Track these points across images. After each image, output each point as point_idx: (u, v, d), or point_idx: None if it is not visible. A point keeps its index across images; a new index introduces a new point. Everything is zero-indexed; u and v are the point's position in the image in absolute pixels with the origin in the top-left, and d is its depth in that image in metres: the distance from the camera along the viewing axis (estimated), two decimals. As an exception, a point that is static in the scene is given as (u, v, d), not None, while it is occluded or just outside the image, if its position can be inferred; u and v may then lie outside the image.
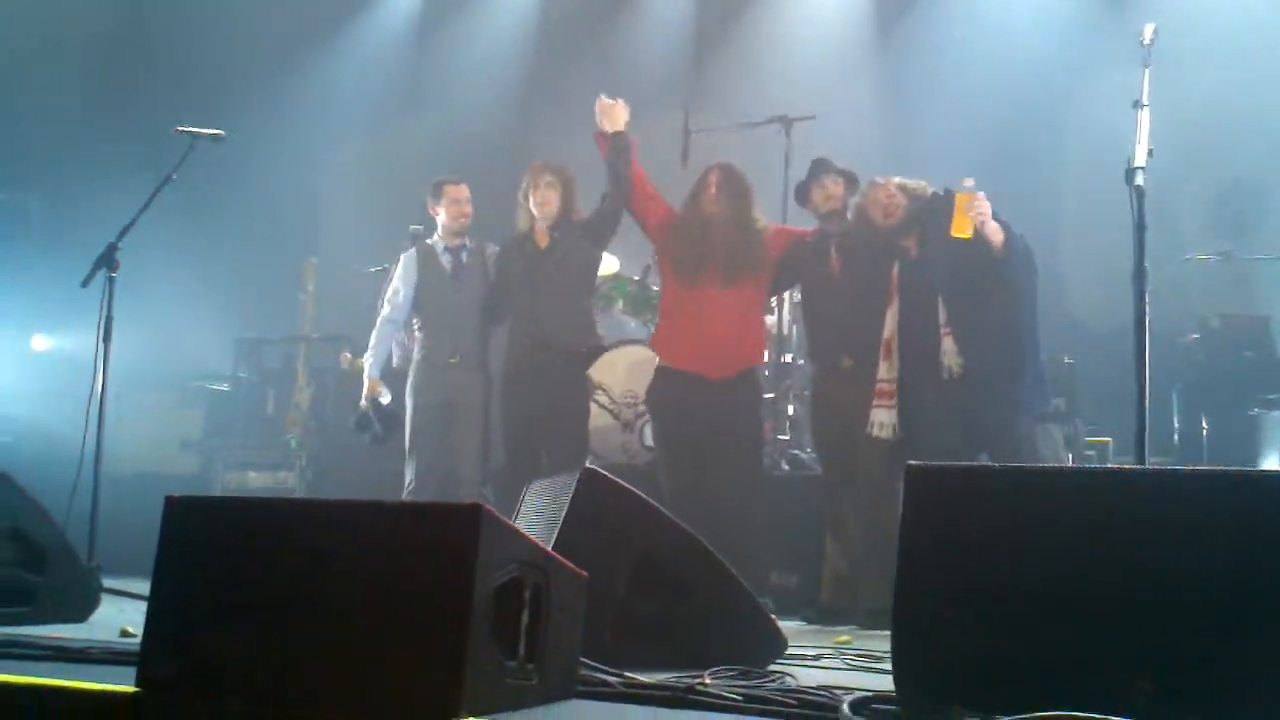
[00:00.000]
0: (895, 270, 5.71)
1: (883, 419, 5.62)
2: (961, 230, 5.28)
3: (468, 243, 6.66)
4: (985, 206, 5.28)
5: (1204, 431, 7.42)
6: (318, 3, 10.14)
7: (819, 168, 6.02)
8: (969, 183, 5.32)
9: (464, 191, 6.61)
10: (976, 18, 9.17)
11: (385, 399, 6.55)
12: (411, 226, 7.60)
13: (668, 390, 6.02)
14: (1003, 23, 9.06)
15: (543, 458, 6.20)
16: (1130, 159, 3.85)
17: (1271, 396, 7.30)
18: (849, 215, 5.96)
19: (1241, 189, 8.36)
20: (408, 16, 10.65)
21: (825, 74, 9.29)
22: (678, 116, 7.63)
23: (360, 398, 6.68)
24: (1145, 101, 3.98)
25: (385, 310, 6.72)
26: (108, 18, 9.71)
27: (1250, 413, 7.42)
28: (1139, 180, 3.82)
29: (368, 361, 6.69)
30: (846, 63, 9.51)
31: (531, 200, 6.33)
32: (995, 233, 5.32)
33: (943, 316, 5.54)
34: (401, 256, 6.79)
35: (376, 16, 10.61)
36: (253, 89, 9.51)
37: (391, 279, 6.92)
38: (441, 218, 6.63)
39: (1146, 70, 4.07)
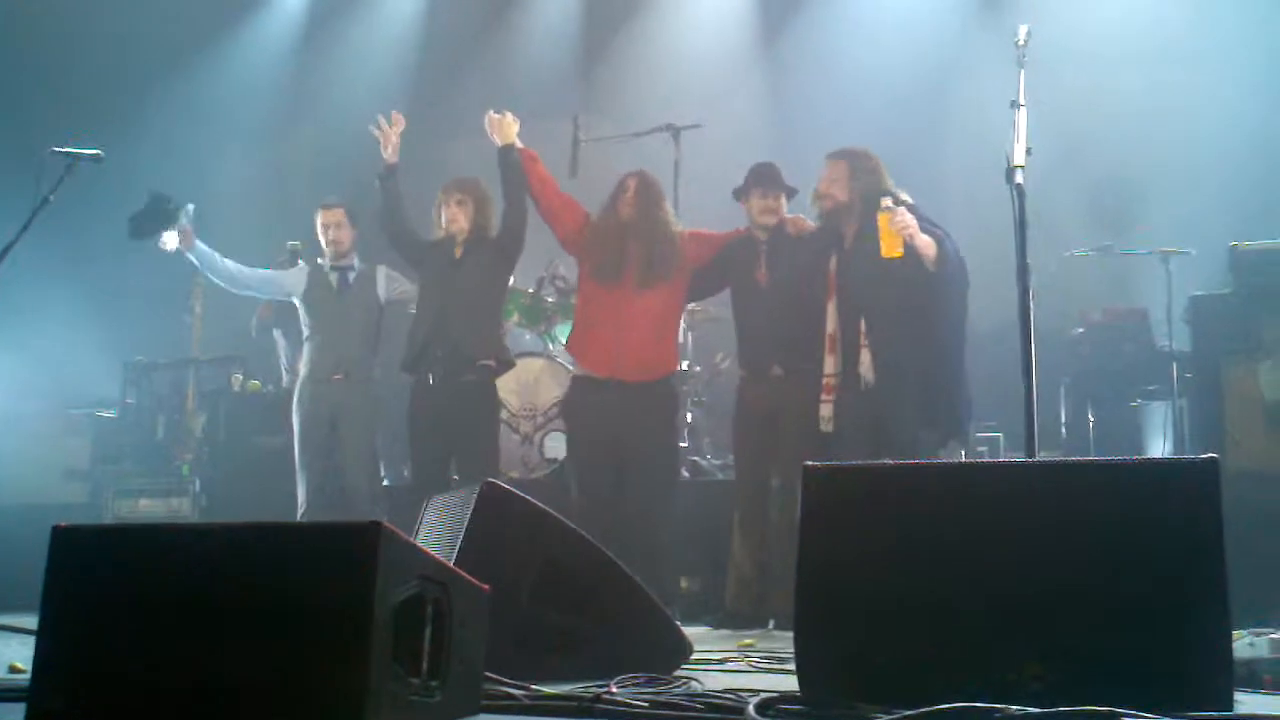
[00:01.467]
0: (832, 264, 5.74)
1: (826, 413, 5.68)
2: (891, 250, 5.24)
3: (355, 264, 6.64)
4: (909, 220, 5.26)
5: (1090, 423, 7.61)
6: (197, 14, 9.94)
7: (764, 178, 6.00)
8: (886, 202, 5.31)
9: (336, 215, 6.65)
10: (858, 22, 9.31)
11: (169, 240, 6.45)
12: (289, 243, 7.52)
13: (585, 397, 6.02)
14: (883, 26, 9.22)
15: (452, 469, 6.18)
16: (1009, 157, 3.92)
17: (1152, 387, 7.51)
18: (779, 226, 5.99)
19: (1118, 185, 8.60)
20: (290, 29, 10.48)
21: (711, 81, 9.37)
22: (567, 127, 7.63)
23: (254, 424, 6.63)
24: (1022, 101, 4.06)
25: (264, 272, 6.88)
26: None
27: (1133, 404, 7.63)
28: (1019, 179, 3.89)
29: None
30: (732, 69, 9.60)
31: (443, 217, 6.28)
32: (927, 246, 5.30)
33: (862, 324, 5.58)
34: (298, 263, 6.78)
35: (257, 30, 10.43)
36: (133, 104, 9.31)
37: (269, 301, 6.99)
38: (320, 241, 6.63)
39: (1022, 71, 4.16)
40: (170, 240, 6.48)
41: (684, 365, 7.36)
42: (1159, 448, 7.37)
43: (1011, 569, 2.57)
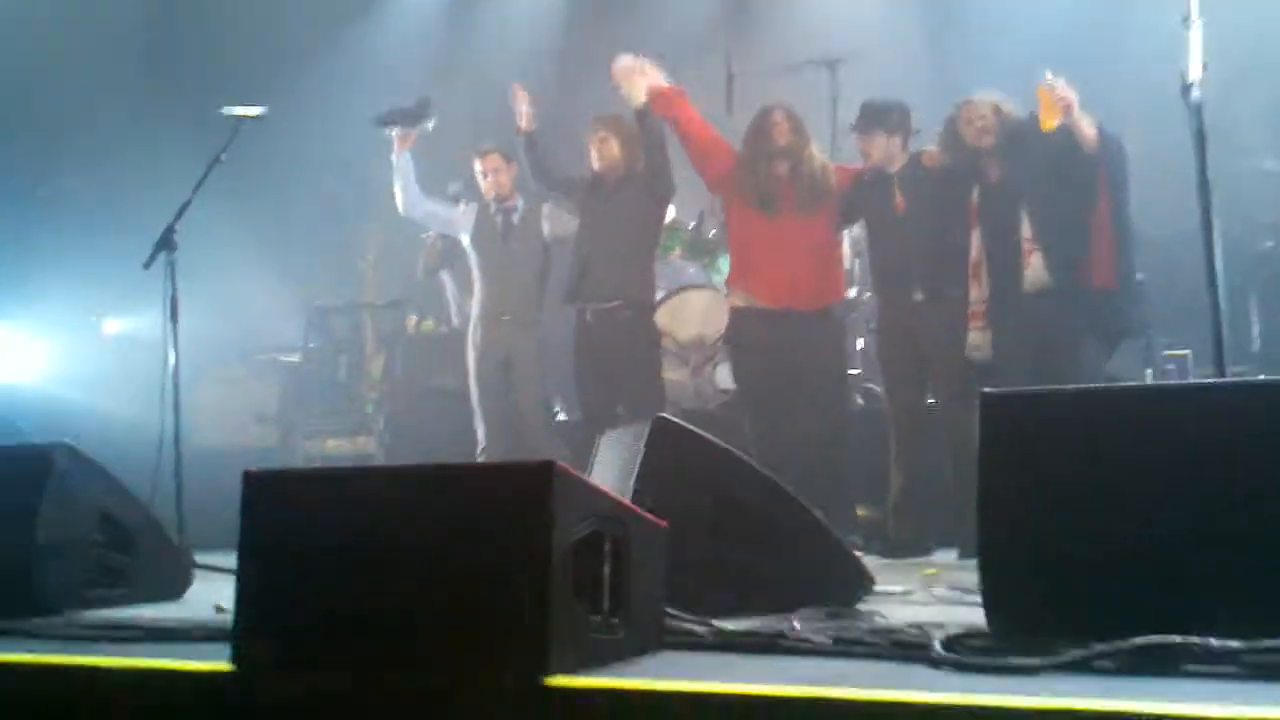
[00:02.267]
0: (975, 197, 5.63)
1: (977, 340, 5.60)
2: (1049, 120, 5.18)
3: (519, 204, 6.68)
4: (1069, 93, 5.16)
5: (1285, 337, 7.26)
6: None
7: (858, 120, 5.92)
8: (1048, 76, 5.19)
9: (494, 160, 6.70)
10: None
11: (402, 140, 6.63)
12: (450, 186, 7.61)
13: (751, 329, 5.99)
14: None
15: (618, 408, 6.23)
16: (1184, 74, 3.77)
17: (1351, 296, 7.13)
18: (934, 141, 5.86)
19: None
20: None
21: (868, 11, 9.11)
22: (720, 64, 7.54)
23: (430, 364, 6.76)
24: (1195, 17, 3.88)
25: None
26: (148, 3, 9.74)
27: (1331, 314, 7.25)
28: (1195, 94, 3.74)
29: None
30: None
31: (593, 153, 6.33)
32: (1086, 124, 5.21)
33: (1027, 230, 5.45)
34: (464, 202, 6.85)
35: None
36: (295, 63, 9.48)
37: (435, 244, 7.10)
38: (480, 186, 6.68)
39: (1193, -14, 3.95)
40: (400, 137, 6.64)
41: (852, 293, 7.25)
42: (1359, 358, 7.00)
43: (1206, 496, 2.46)
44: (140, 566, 4.05)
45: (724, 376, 6.99)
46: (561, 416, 6.99)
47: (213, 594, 3.75)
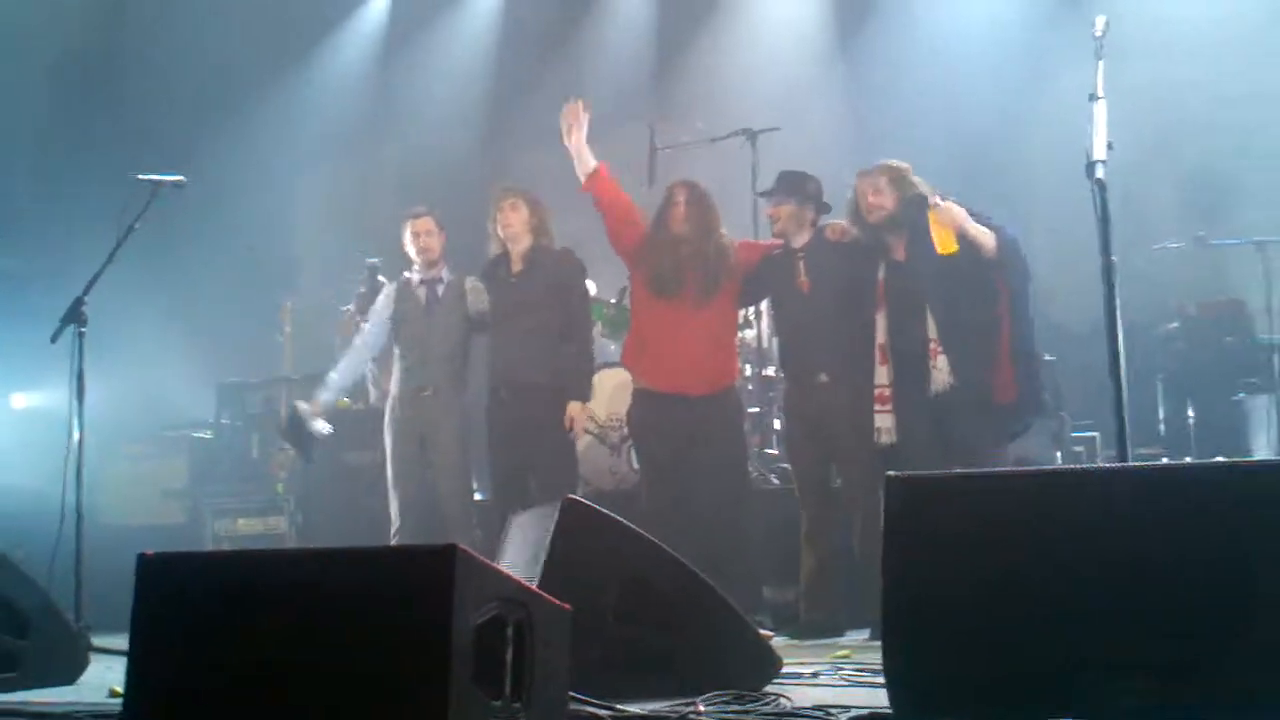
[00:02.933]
0: (881, 275, 5.67)
1: (884, 424, 5.56)
2: (946, 246, 5.22)
3: (444, 275, 6.59)
4: (958, 212, 5.23)
5: (1190, 419, 7.42)
6: (275, 36, 10.09)
7: (774, 186, 5.96)
8: (934, 199, 5.27)
9: (426, 224, 6.51)
10: (934, 21, 9.18)
11: (319, 427, 6.49)
12: (368, 260, 7.58)
13: (648, 412, 6.00)
14: (959, 24, 9.08)
15: (530, 484, 6.17)
16: (1089, 152, 3.84)
17: (1253, 380, 7.30)
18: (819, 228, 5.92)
19: (1209, 175, 8.37)
20: (368, 46, 10.61)
21: (787, 84, 9.29)
22: (642, 134, 7.62)
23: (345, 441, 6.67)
24: (1100, 94, 3.96)
25: (356, 339, 6.72)
26: (67, 66, 9.67)
27: (1235, 398, 7.42)
28: (1099, 174, 3.81)
29: (329, 379, 6.65)
30: (808, 71, 9.51)
31: (498, 225, 6.31)
32: (982, 235, 5.26)
33: (932, 330, 5.49)
34: (384, 288, 6.77)
35: (337, 45, 10.56)
36: (215, 127, 9.45)
37: (352, 317, 6.96)
38: (410, 251, 6.59)
39: (1100, 63, 4.05)
40: (319, 427, 6.57)
41: (770, 371, 7.30)
42: (1263, 442, 7.15)
43: (1109, 578, 2.49)
44: (33, 650, 3.94)
45: (640, 456, 6.99)
46: (478, 496, 6.92)
47: (109, 677, 3.66)
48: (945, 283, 5.37)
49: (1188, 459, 6.72)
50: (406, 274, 6.66)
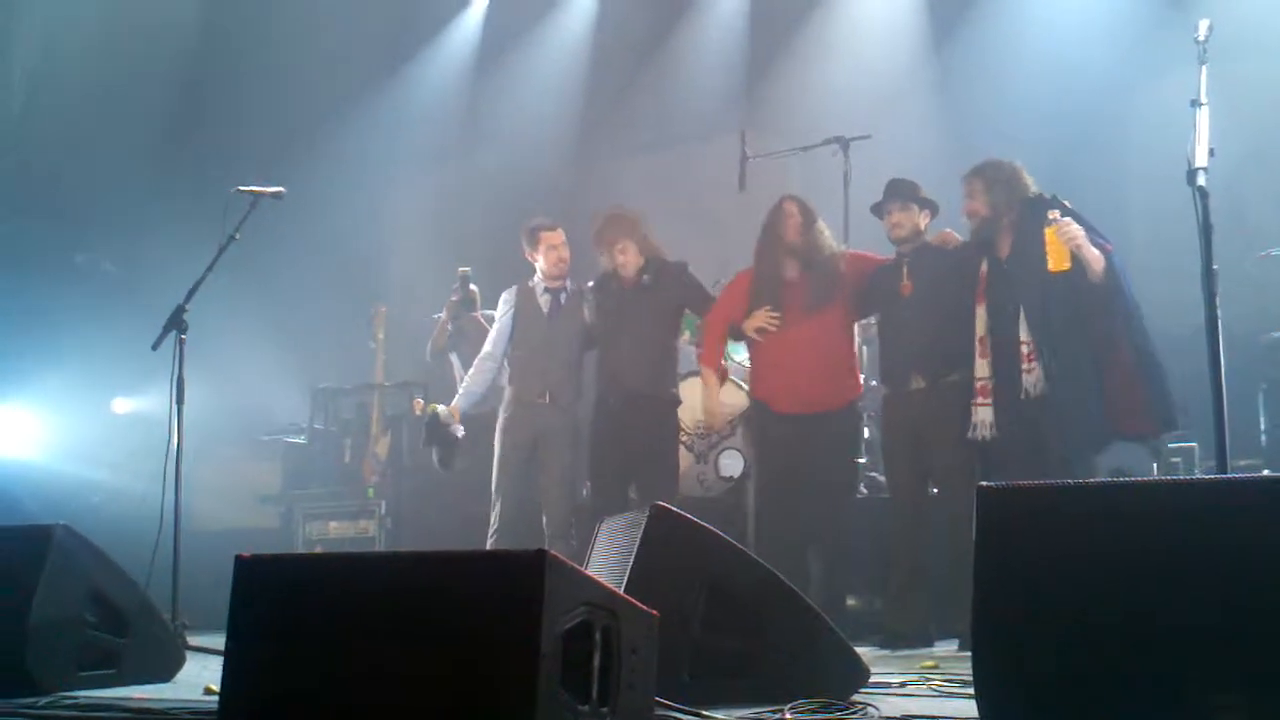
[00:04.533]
0: (984, 269, 5.60)
1: (982, 418, 5.49)
2: (1060, 264, 5.16)
3: (568, 284, 6.65)
4: (1076, 231, 5.15)
5: (1292, 431, 7.22)
6: (371, 48, 10.26)
7: (888, 194, 5.94)
8: (1054, 214, 5.20)
9: (559, 236, 6.59)
10: (1031, 24, 9.02)
11: (457, 431, 6.59)
12: (460, 269, 7.64)
13: (766, 426, 6.07)
14: (1058, 26, 8.91)
15: (630, 492, 6.22)
16: (1190, 159, 3.76)
17: (1361, 392, 7.09)
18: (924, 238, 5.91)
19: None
20: (461, 59, 10.74)
21: (880, 90, 9.20)
22: (734, 142, 7.62)
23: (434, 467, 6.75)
24: (1203, 100, 3.88)
25: (485, 346, 6.78)
26: (169, 78, 9.91)
27: (1340, 410, 7.21)
28: (1201, 180, 3.73)
29: (460, 387, 6.76)
30: (901, 77, 9.41)
31: (612, 254, 6.38)
32: (1095, 259, 5.17)
33: (1024, 333, 5.42)
34: (502, 294, 6.81)
35: (431, 57, 10.71)
36: (312, 139, 9.64)
37: (444, 325, 7.04)
38: (540, 263, 6.61)
39: (1204, 67, 3.98)
40: (458, 432, 6.69)
41: (861, 379, 7.24)
42: (1369, 455, 6.95)
43: (1203, 593, 2.44)
44: (132, 647, 4.04)
45: (728, 464, 6.98)
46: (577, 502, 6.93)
47: (205, 676, 3.74)
48: (1045, 290, 5.30)
49: (1291, 472, 6.54)
50: (530, 281, 6.69)
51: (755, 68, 9.99)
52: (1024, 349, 5.39)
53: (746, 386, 6.40)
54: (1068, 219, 5.19)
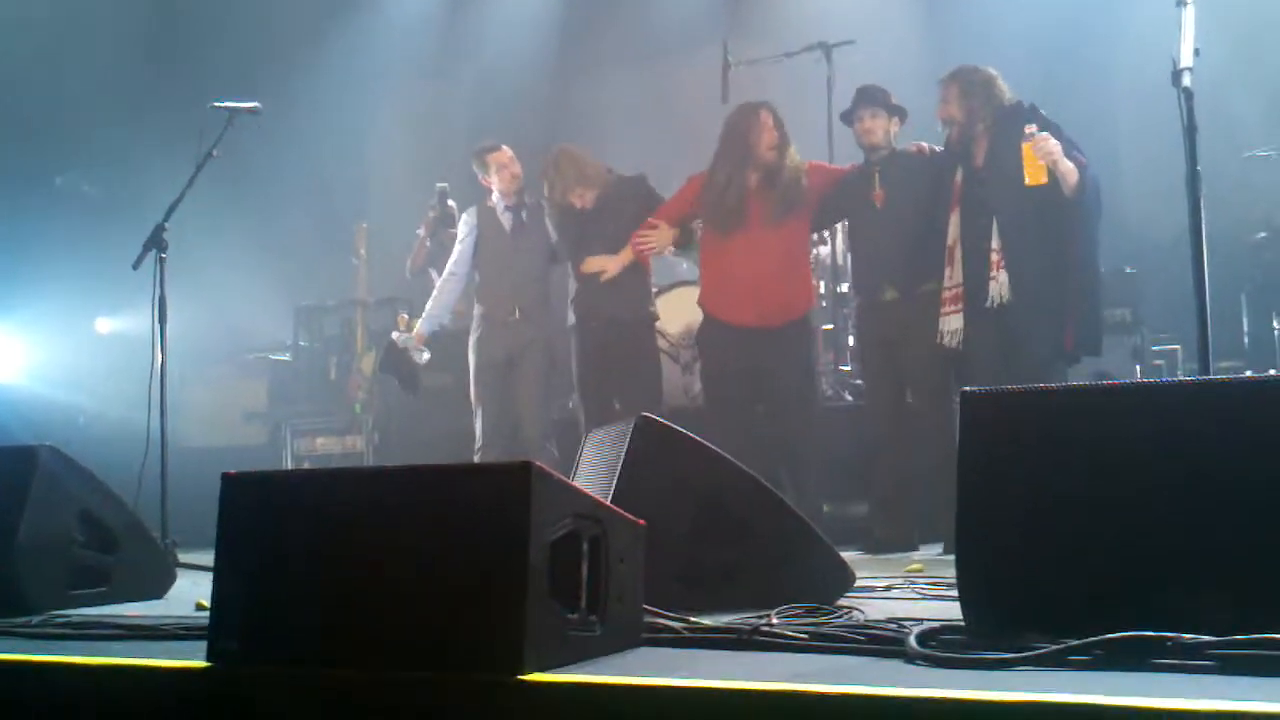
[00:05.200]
0: (958, 178, 5.57)
1: (950, 326, 5.50)
2: (1036, 178, 5.16)
3: (527, 199, 6.64)
4: (1052, 146, 5.14)
5: (1275, 332, 7.26)
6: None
7: (858, 100, 5.89)
8: (1030, 129, 5.18)
9: (506, 154, 6.63)
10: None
11: (422, 356, 6.61)
12: (438, 184, 7.60)
13: (717, 342, 6.02)
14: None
15: (615, 405, 6.26)
16: (1176, 60, 3.73)
17: (1344, 292, 7.13)
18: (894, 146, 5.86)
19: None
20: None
21: (863, -3, 9.11)
22: (715, 52, 7.54)
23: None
24: (1188, -1, 3.85)
25: (448, 267, 6.76)
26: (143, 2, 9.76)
27: (1323, 310, 7.25)
28: (1186, 81, 3.70)
29: (425, 310, 6.75)
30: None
31: (568, 198, 6.37)
32: (1069, 173, 5.16)
33: (995, 242, 5.40)
34: (462, 215, 6.80)
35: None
36: (290, 58, 9.52)
37: (423, 242, 7.01)
38: (495, 183, 6.61)
39: (1190, -34, 3.93)
40: (420, 357, 6.70)
41: (844, 288, 7.25)
42: (1352, 356, 7.00)
43: (1187, 492, 2.45)
44: (122, 566, 4.06)
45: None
46: (553, 416, 6.97)
47: (196, 592, 3.76)
48: (1018, 201, 5.28)
49: (1272, 372, 6.59)
50: (489, 201, 6.67)
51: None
52: (994, 257, 5.38)
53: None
54: (1044, 134, 5.16)
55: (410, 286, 8.39)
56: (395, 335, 6.72)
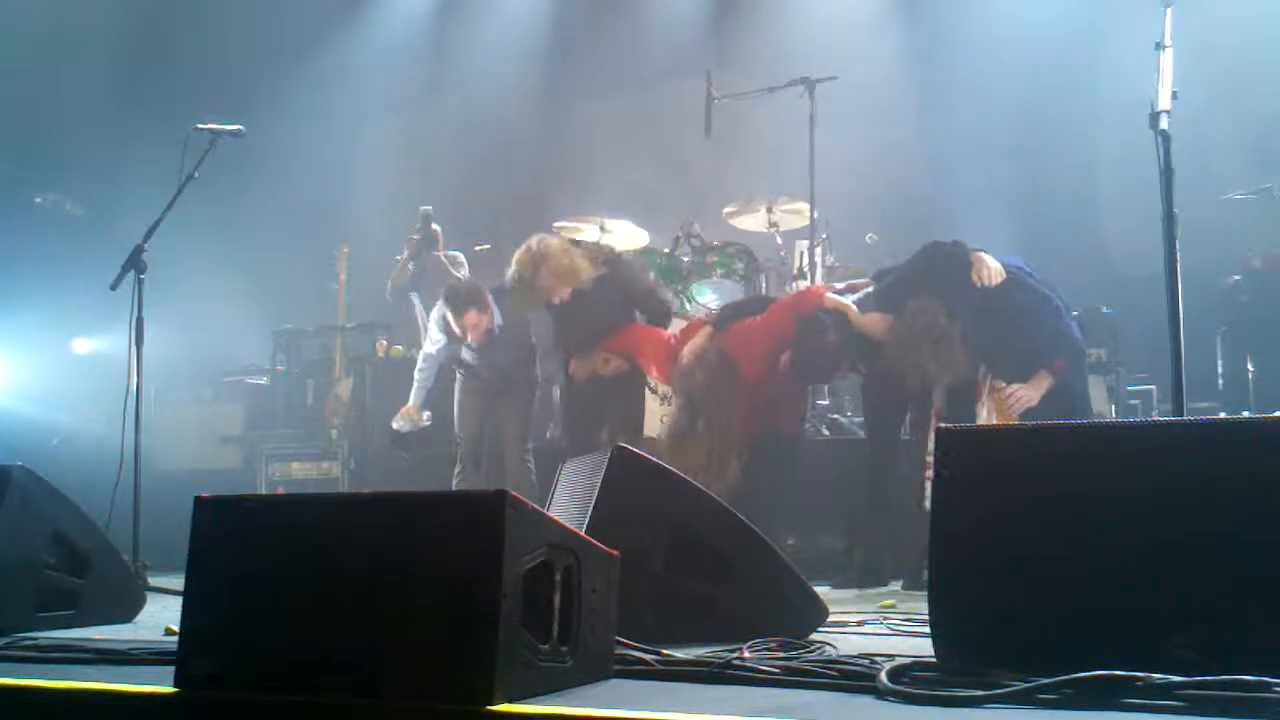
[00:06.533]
0: None
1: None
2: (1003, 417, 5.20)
3: (496, 324, 6.54)
4: (1015, 396, 5.17)
5: (1250, 374, 7.30)
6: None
7: None
8: (1000, 386, 5.22)
9: (472, 317, 6.45)
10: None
11: (426, 422, 6.64)
12: (421, 208, 7.60)
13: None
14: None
15: (603, 436, 6.28)
16: (1153, 102, 3.77)
17: (1317, 335, 7.17)
18: None
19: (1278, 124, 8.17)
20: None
21: (848, 32, 9.16)
22: (701, 84, 7.58)
23: (399, 387, 6.75)
24: (1167, 43, 3.89)
25: (427, 348, 6.79)
26: (131, 17, 9.74)
27: (1298, 354, 7.29)
28: (1163, 124, 3.74)
29: (415, 382, 6.74)
30: (869, 20, 9.36)
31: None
32: (1037, 394, 5.20)
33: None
34: (435, 305, 6.72)
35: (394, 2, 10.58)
36: (275, 80, 9.54)
37: (405, 264, 7.02)
38: (464, 336, 6.54)
39: (1168, 10, 3.98)
40: (422, 422, 6.72)
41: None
42: (1325, 400, 7.03)
43: (1156, 534, 2.46)
44: (92, 588, 4.02)
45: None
46: (529, 445, 6.97)
47: (165, 616, 3.73)
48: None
49: (1245, 414, 6.62)
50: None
51: (723, 7, 9.92)
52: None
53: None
54: (1012, 390, 5.18)
55: (390, 311, 8.39)
56: (396, 425, 6.73)
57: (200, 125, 5.49)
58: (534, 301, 6.34)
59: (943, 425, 2.80)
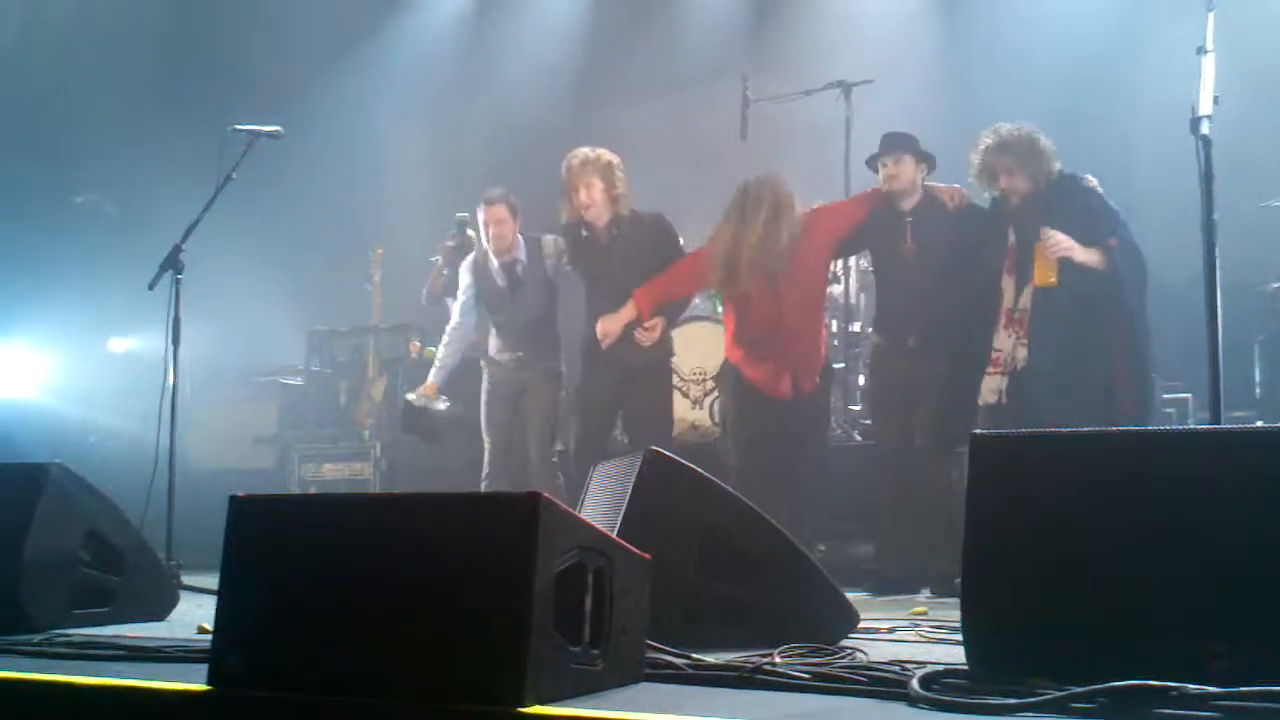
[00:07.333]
0: (1011, 240, 5.46)
1: (995, 385, 5.42)
2: (1044, 279, 5.19)
3: (520, 255, 6.55)
4: (1062, 244, 5.15)
5: (1287, 383, 7.22)
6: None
7: (883, 147, 5.84)
8: (1044, 232, 5.20)
9: (498, 212, 6.48)
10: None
11: (441, 405, 6.60)
12: (457, 215, 7.61)
13: (744, 406, 5.98)
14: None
15: (624, 438, 6.24)
16: (1195, 107, 3.73)
17: (1357, 344, 7.09)
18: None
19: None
20: (464, 2, 10.64)
21: (885, 35, 9.11)
22: (736, 87, 7.57)
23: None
24: (1209, 47, 3.85)
25: (453, 316, 6.77)
26: (167, 18, 9.82)
27: (1338, 363, 7.21)
28: (1204, 129, 3.70)
29: (435, 361, 6.72)
30: (906, 23, 9.32)
31: (575, 197, 6.23)
32: (1091, 260, 5.17)
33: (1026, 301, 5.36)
34: (461, 267, 6.77)
35: (432, 4, 10.60)
36: (311, 81, 9.57)
37: (440, 270, 6.99)
38: (483, 237, 6.59)
39: (1210, 14, 3.94)
40: (439, 406, 6.67)
41: (855, 327, 7.25)
42: (1365, 408, 6.95)
43: (1192, 542, 2.44)
44: (126, 586, 4.06)
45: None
46: (559, 447, 6.98)
47: (198, 615, 3.75)
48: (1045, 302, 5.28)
49: (1284, 423, 6.55)
50: (481, 256, 6.63)
51: (758, 11, 9.90)
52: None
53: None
54: (1053, 233, 5.16)
55: (423, 313, 8.42)
56: (411, 397, 6.69)
57: (238, 126, 5.52)
58: (570, 212, 6.28)
59: (975, 431, 2.78)
